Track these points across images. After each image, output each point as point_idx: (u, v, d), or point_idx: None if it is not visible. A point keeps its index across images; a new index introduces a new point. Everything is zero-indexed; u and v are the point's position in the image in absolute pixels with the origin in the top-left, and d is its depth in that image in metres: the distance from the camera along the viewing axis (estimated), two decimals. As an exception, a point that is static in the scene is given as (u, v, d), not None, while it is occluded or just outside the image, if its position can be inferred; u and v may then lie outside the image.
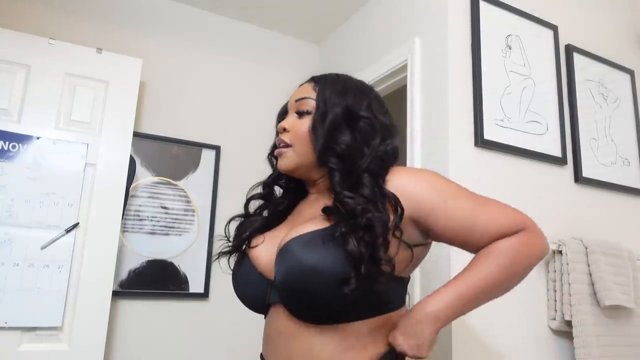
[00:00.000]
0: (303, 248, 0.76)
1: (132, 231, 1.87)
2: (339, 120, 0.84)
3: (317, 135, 0.84)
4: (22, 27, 1.75)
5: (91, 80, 1.77)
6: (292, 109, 0.91)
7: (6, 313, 1.49)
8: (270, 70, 2.32)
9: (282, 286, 0.78)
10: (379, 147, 0.84)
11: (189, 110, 2.09)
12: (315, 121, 0.85)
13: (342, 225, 0.74)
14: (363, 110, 0.85)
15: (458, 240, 0.81)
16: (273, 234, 0.90)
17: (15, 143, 1.60)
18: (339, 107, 0.85)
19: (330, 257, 0.73)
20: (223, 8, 2.20)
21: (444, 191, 0.80)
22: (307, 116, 0.87)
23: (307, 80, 0.94)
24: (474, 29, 1.51)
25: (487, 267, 0.77)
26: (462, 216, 0.79)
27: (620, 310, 1.43)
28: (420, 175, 0.83)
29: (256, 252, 0.89)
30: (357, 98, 0.87)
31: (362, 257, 0.71)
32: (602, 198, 1.68)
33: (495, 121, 1.48)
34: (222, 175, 2.08)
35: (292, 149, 0.87)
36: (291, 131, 0.88)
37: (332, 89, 0.87)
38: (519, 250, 0.78)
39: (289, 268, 0.76)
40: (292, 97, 0.94)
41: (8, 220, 1.54)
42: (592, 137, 1.71)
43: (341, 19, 2.24)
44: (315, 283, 0.73)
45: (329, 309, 0.75)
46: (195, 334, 1.92)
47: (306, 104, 0.88)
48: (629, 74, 1.90)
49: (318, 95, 0.87)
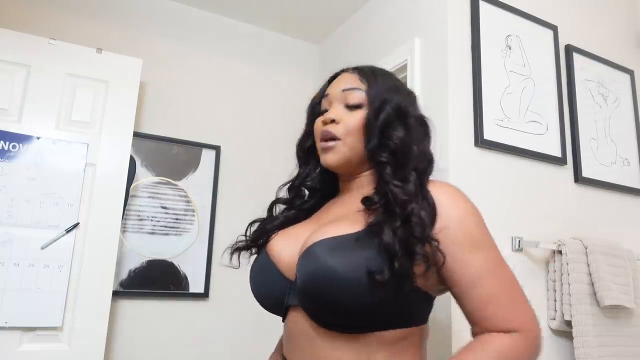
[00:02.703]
0: (330, 251, 0.71)
1: (132, 231, 1.87)
2: (392, 117, 0.82)
3: (371, 131, 0.82)
4: (22, 27, 1.75)
5: (91, 80, 1.77)
6: (338, 99, 0.87)
7: (6, 313, 1.49)
8: (270, 70, 2.32)
9: (303, 290, 0.74)
10: (426, 148, 0.84)
11: (189, 110, 2.09)
12: (370, 117, 0.82)
13: (380, 216, 0.72)
14: (412, 109, 0.85)
15: (454, 292, 0.77)
16: (296, 231, 0.86)
17: (15, 143, 1.60)
18: (391, 104, 0.83)
19: (360, 258, 0.69)
20: (223, 8, 2.20)
21: (472, 235, 0.75)
22: (358, 110, 0.84)
23: (350, 70, 0.91)
24: (474, 29, 1.51)
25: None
26: (469, 273, 0.74)
27: (620, 310, 1.43)
28: (461, 204, 0.77)
29: (277, 250, 0.84)
30: (406, 96, 0.87)
31: (396, 249, 0.68)
32: (602, 198, 1.69)
33: (495, 121, 1.48)
34: (222, 175, 2.08)
35: (342, 142, 0.83)
36: (341, 124, 0.84)
37: (383, 84, 0.85)
38: (509, 354, 0.72)
39: (313, 271, 0.72)
40: (332, 85, 0.90)
41: (8, 220, 1.54)
42: (592, 137, 1.71)
43: (341, 19, 2.24)
44: (343, 288, 0.68)
45: (354, 317, 0.72)
46: (195, 334, 1.92)
47: (356, 97, 0.85)
48: (628, 74, 1.90)
49: (370, 89, 0.84)
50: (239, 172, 2.13)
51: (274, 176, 2.10)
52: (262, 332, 1.99)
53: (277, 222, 0.91)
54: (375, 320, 0.72)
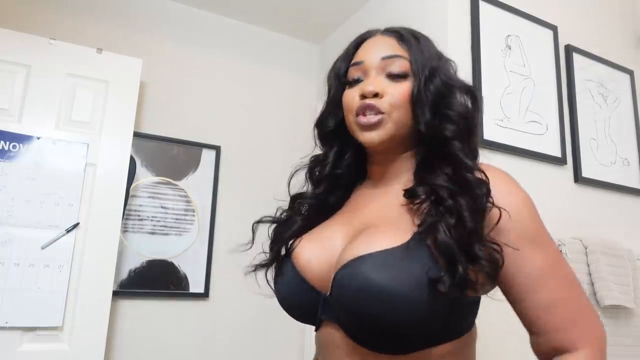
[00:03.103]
0: (377, 267, 0.61)
1: (132, 231, 1.87)
2: (442, 88, 0.72)
3: (422, 104, 0.71)
4: (22, 27, 1.75)
5: (91, 80, 1.77)
6: (377, 68, 0.74)
7: (6, 313, 1.49)
8: (270, 70, 2.32)
9: (345, 309, 0.64)
10: (474, 123, 0.73)
11: (189, 110, 2.09)
12: (419, 87, 0.71)
13: (429, 213, 0.63)
14: (457, 77, 0.75)
15: (510, 295, 0.67)
16: (322, 235, 0.75)
17: (15, 143, 1.60)
18: (439, 73, 0.73)
19: (414, 270, 0.60)
20: (223, 8, 2.20)
21: (529, 231, 0.65)
22: (403, 80, 0.72)
23: (385, 32, 0.78)
24: (474, 29, 1.51)
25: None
26: (528, 272, 0.64)
27: (620, 310, 1.43)
28: (518, 195, 0.69)
29: (305, 259, 0.72)
30: (447, 65, 0.76)
31: (454, 250, 0.59)
32: (602, 198, 1.69)
33: (495, 121, 1.48)
34: (222, 175, 2.08)
35: (387, 117, 0.71)
36: (386, 97, 0.71)
37: (428, 51, 0.75)
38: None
39: (358, 290, 0.61)
40: (367, 51, 0.77)
41: (8, 220, 1.54)
42: (592, 137, 1.72)
43: (341, 19, 2.24)
44: (392, 308, 0.59)
45: (403, 337, 0.62)
46: (195, 334, 1.92)
47: (400, 65, 0.73)
48: (628, 74, 1.90)
49: (414, 56, 0.73)
50: (239, 172, 2.13)
51: (274, 176, 2.11)
52: (262, 332, 2.00)
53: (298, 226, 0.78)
54: (425, 339, 0.63)
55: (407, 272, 0.60)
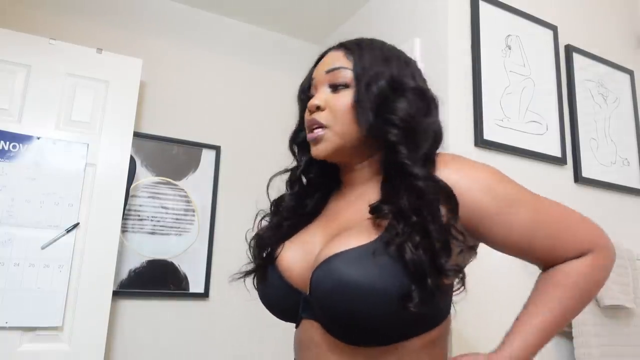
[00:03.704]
0: (350, 264, 0.64)
1: (132, 231, 1.87)
2: (387, 91, 0.71)
3: (363, 108, 0.71)
4: (22, 27, 1.75)
5: (91, 80, 1.77)
6: (323, 82, 0.76)
7: (6, 313, 1.49)
8: (270, 70, 2.32)
9: (322, 305, 0.67)
10: (430, 123, 0.73)
11: (189, 110, 2.09)
12: (359, 93, 0.71)
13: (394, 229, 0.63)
14: (410, 80, 0.74)
15: (514, 253, 0.72)
16: (303, 239, 0.78)
17: (15, 143, 1.60)
18: (382, 78, 0.72)
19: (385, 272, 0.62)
20: (223, 8, 2.20)
21: (501, 197, 0.69)
22: (345, 90, 0.74)
23: (335, 47, 0.79)
24: (474, 29, 1.51)
25: (559, 302, 0.69)
26: (519, 229, 0.69)
27: (620, 310, 1.43)
28: (476, 175, 0.70)
29: (286, 263, 0.76)
30: (400, 66, 0.75)
31: (424, 267, 0.61)
32: (602, 198, 1.69)
33: (495, 121, 1.48)
34: (222, 175, 2.08)
35: (329, 130, 0.73)
36: (327, 109, 0.74)
37: (371, 57, 0.74)
38: (590, 279, 0.71)
39: (333, 286, 0.64)
40: (317, 68, 0.79)
41: (8, 220, 1.54)
42: (592, 137, 1.72)
43: (341, 19, 2.24)
44: (369, 304, 0.62)
45: (380, 332, 0.65)
46: (195, 334, 1.92)
47: (342, 76, 0.74)
48: (628, 74, 1.90)
49: (356, 65, 0.73)
50: (239, 172, 2.13)
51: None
52: (262, 332, 2.00)
53: (282, 233, 0.81)
54: (400, 332, 0.66)
55: (377, 266, 0.62)
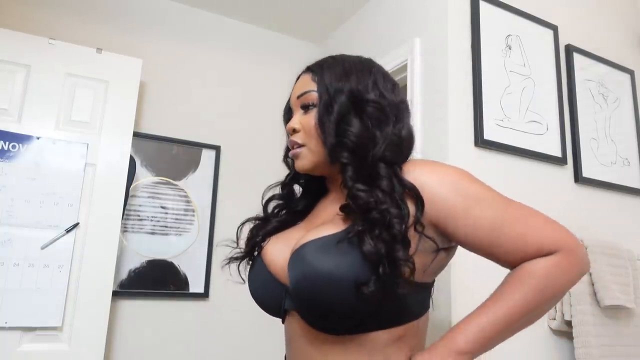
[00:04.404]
0: (316, 253, 0.70)
1: (132, 231, 1.87)
2: (345, 108, 0.77)
3: (325, 131, 0.77)
4: (22, 27, 1.75)
5: (91, 80, 1.77)
6: (296, 105, 0.85)
7: (6, 313, 1.49)
8: (270, 70, 2.32)
9: (295, 293, 0.72)
10: (393, 132, 0.77)
11: (189, 110, 2.09)
12: (321, 114, 0.78)
13: (358, 223, 0.68)
14: (369, 92, 0.78)
15: (481, 252, 0.74)
16: (289, 235, 0.84)
17: (15, 143, 1.60)
18: (342, 94, 0.77)
19: (345, 260, 0.67)
20: (223, 8, 2.20)
21: (468, 196, 0.71)
22: (313, 110, 0.81)
23: (304, 71, 0.86)
24: (474, 29, 1.51)
25: (519, 297, 0.69)
26: (485, 227, 0.70)
27: (620, 310, 1.43)
28: (444, 174, 0.74)
29: (270, 255, 0.83)
30: (360, 78, 0.79)
31: (380, 257, 0.65)
32: (602, 198, 1.68)
33: (495, 121, 1.47)
34: (222, 175, 2.08)
35: (306, 148, 0.81)
36: (301, 130, 0.81)
37: (331, 75, 0.80)
38: (555, 278, 0.70)
39: (302, 274, 0.70)
40: (292, 92, 0.87)
41: (8, 220, 1.54)
42: (592, 137, 1.71)
43: (341, 19, 2.24)
44: (330, 290, 0.67)
45: (346, 319, 0.70)
46: (195, 334, 1.92)
47: (309, 98, 0.81)
48: (629, 74, 1.90)
49: (318, 85, 0.80)
50: (239, 172, 2.12)
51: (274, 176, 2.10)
52: (262, 332, 1.99)
53: (271, 227, 0.89)
54: (367, 321, 0.70)
55: (340, 259, 0.67)
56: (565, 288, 0.72)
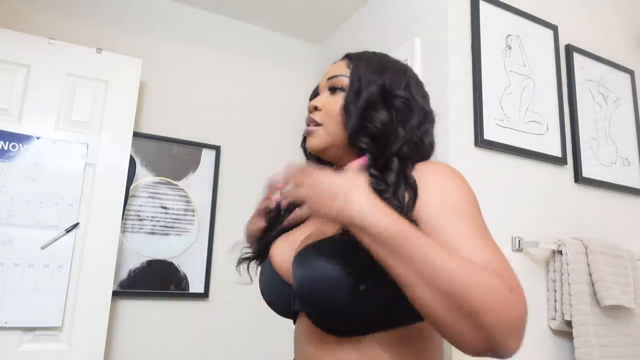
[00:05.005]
0: (319, 254, 0.71)
1: (132, 231, 1.87)
2: (374, 98, 0.78)
3: (349, 113, 0.78)
4: (22, 27, 1.75)
5: (91, 80, 1.77)
6: (324, 87, 0.86)
7: (6, 313, 1.49)
8: (270, 70, 2.32)
9: (299, 295, 0.73)
10: (415, 132, 0.77)
11: (189, 110, 2.09)
12: (348, 98, 0.79)
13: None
14: (401, 90, 0.80)
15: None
16: (295, 236, 0.84)
17: (15, 143, 1.60)
18: (374, 85, 0.79)
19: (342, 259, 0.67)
20: (223, 8, 2.20)
21: (450, 201, 0.68)
22: (340, 93, 0.82)
23: (341, 58, 0.88)
24: (474, 29, 1.51)
25: (432, 252, 0.58)
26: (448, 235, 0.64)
27: (620, 310, 1.43)
28: (442, 173, 0.73)
29: (278, 258, 0.83)
30: (395, 76, 0.81)
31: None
32: (602, 198, 1.68)
33: (495, 121, 1.47)
34: (222, 175, 2.08)
35: (322, 127, 0.82)
36: (323, 109, 0.83)
37: (367, 66, 0.82)
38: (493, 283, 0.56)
39: (305, 276, 0.71)
40: (324, 76, 0.88)
41: (8, 220, 1.54)
42: (592, 137, 1.71)
43: (341, 19, 2.24)
44: (331, 290, 0.67)
45: (349, 319, 0.70)
46: (195, 334, 1.92)
47: (339, 82, 0.83)
48: (629, 74, 1.90)
49: (352, 72, 0.81)
50: (239, 172, 2.12)
51: (274, 176, 2.10)
52: (262, 332, 1.99)
53: (280, 228, 0.89)
54: (372, 321, 0.70)
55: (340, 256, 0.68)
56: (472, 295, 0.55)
